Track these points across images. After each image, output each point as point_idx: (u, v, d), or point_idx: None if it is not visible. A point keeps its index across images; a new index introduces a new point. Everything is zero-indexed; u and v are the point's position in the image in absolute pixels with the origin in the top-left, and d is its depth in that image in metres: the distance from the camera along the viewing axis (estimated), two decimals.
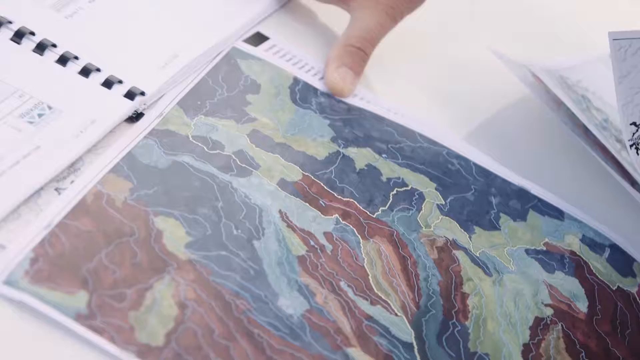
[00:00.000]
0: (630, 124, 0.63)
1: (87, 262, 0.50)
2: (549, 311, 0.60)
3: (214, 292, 0.52)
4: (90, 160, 0.56)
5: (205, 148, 0.60)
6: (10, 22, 0.61)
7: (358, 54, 0.71)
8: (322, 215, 0.59)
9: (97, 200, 0.54)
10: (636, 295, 0.65)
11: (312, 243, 0.57)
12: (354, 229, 0.59)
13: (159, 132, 0.60)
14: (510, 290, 0.60)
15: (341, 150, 0.65)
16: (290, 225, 0.58)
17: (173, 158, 0.58)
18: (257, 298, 0.52)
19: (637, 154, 0.65)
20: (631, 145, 0.64)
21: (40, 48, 0.61)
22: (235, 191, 0.58)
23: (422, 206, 0.64)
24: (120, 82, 0.61)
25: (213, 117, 0.62)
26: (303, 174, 0.61)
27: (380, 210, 0.62)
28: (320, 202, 0.60)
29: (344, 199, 0.61)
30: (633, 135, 0.64)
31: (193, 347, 0.49)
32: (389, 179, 0.64)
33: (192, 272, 0.52)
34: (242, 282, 0.53)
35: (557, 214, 0.68)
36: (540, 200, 0.69)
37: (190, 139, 0.60)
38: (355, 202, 0.61)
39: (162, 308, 0.50)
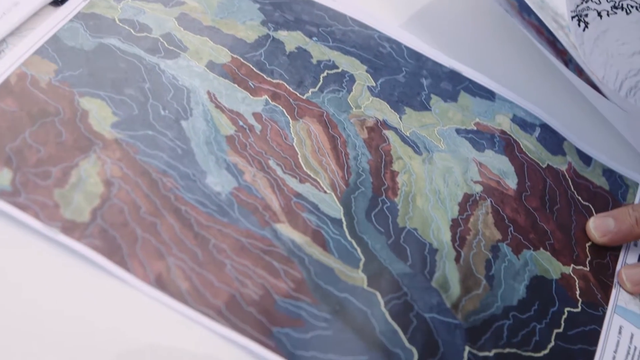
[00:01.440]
0: None
1: (11, 141, 0.50)
2: (478, 188, 0.61)
3: (141, 170, 0.52)
4: (14, 42, 0.56)
5: (132, 31, 0.59)
6: None
7: None
8: (251, 97, 0.59)
9: (21, 81, 0.54)
10: (565, 173, 0.66)
11: (240, 123, 0.57)
12: (284, 110, 0.60)
13: (84, 15, 0.59)
14: (439, 168, 0.61)
15: (271, 33, 0.64)
16: (218, 106, 0.58)
17: (99, 40, 0.58)
18: (185, 176, 0.53)
19: (579, 25, 0.66)
20: (573, 17, 0.65)
21: None
22: (163, 73, 0.58)
23: (353, 88, 0.64)
24: None
25: (140, 0, 0.62)
26: (232, 56, 0.61)
27: (310, 91, 0.62)
28: (250, 83, 0.60)
29: (274, 81, 0.61)
30: (577, 7, 0.65)
31: (119, 223, 0.49)
32: (319, 62, 0.64)
33: (119, 150, 0.52)
34: (170, 161, 0.53)
35: (488, 94, 0.69)
36: (471, 81, 0.69)
37: (117, 22, 0.60)
38: (285, 84, 0.61)
39: (87, 185, 0.50)
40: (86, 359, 0.45)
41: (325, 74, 0.63)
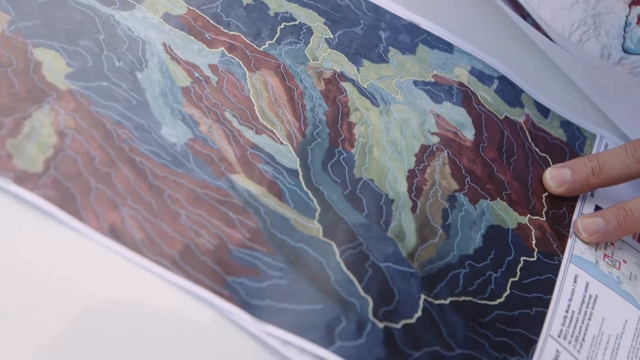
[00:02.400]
0: None
1: None
2: (435, 139, 0.61)
3: (95, 121, 0.52)
4: None
5: None
6: None
7: None
8: (208, 48, 0.59)
9: None
10: (523, 125, 0.67)
11: (196, 75, 0.57)
12: (240, 62, 0.59)
13: None
14: (397, 120, 0.61)
15: None
16: (174, 58, 0.57)
17: None
18: (140, 127, 0.53)
19: None
20: None
21: None
22: (118, 24, 0.58)
23: (310, 40, 0.64)
24: None
25: None
26: (188, 8, 0.61)
27: (267, 43, 0.62)
28: (206, 35, 0.60)
29: (230, 33, 0.61)
30: None
31: (73, 174, 0.49)
32: (276, 14, 0.64)
33: (72, 101, 0.52)
34: (124, 112, 0.53)
35: (446, 47, 0.69)
36: (429, 34, 0.69)
37: None
38: (242, 36, 0.61)
39: (40, 136, 0.50)
40: (40, 308, 0.45)
41: (282, 26, 0.63)
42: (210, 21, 0.61)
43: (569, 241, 0.61)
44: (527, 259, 0.58)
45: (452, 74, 0.67)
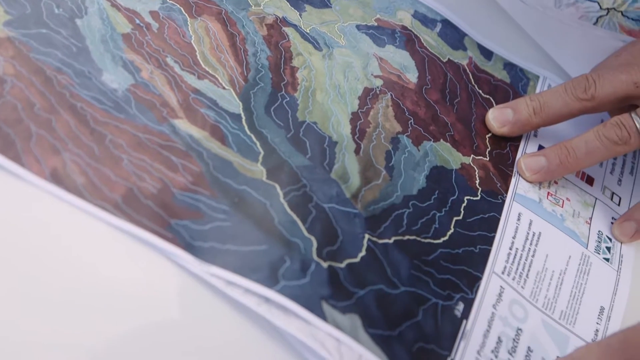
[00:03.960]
0: None
1: None
2: (378, 82, 0.62)
3: (35, 67, 0.52)
4: None
5: None
6: None
7: None
8: None
9: None
10: (466, 67, 0.67)
11: (137, 21, 0.57)
12: (181, 8, 0.59)
13: None
14: (340, 63, 0.61)
15: None
16: (114, 5, 0.57)
17: None
18: (80, 73, 0.52)
19: None
20: None
21: None
22: None
23: None
24: None
25: None
26: None
27: None
28: None
29: None
30: None
31: (13, 120, 0.49)
32: None
33: (11, 49, 0.52)
34: (64, 59, 0.53)
35: None
36: None
37: None
38: None
39: None
40: None
41: None
42: None
43: (513, 180, 0.62)
44: (471, 198, 0.59)
45: (395, 17, 0.67)
